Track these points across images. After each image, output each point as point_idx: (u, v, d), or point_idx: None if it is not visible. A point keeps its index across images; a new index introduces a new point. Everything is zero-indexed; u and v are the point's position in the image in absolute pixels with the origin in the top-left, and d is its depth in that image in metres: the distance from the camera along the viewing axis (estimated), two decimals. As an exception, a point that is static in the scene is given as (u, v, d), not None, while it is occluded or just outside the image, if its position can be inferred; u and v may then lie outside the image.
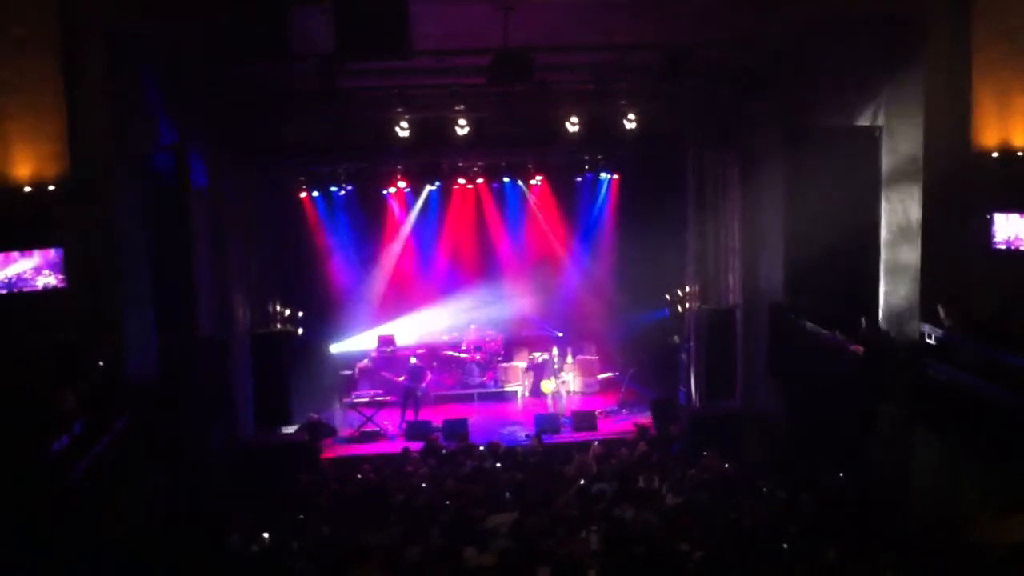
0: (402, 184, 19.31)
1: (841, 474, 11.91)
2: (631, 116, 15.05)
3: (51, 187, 10.07)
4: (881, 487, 11.59)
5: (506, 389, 19.72)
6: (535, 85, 12.83)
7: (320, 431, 16.72)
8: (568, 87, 14.81)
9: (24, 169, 10.04)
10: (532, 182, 20.08)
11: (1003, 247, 10.53)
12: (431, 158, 17.99)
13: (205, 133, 13.84)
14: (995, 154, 10.60)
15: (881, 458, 11.69)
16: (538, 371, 19.19)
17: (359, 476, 13.67)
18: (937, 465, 10.75)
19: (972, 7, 10.53)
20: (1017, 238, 10.43)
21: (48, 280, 10.08)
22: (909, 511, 10.98)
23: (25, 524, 7.59)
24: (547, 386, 18.40)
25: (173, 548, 9.95)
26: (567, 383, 19.13)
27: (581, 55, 13.62)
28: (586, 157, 19.14)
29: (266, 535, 10.19)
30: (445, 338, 20.59)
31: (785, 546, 9.14)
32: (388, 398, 18.12)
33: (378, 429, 17.41)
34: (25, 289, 9.98)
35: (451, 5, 11.06)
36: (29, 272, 10.03)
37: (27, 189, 10.02)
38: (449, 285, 20.94)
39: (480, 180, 19.64)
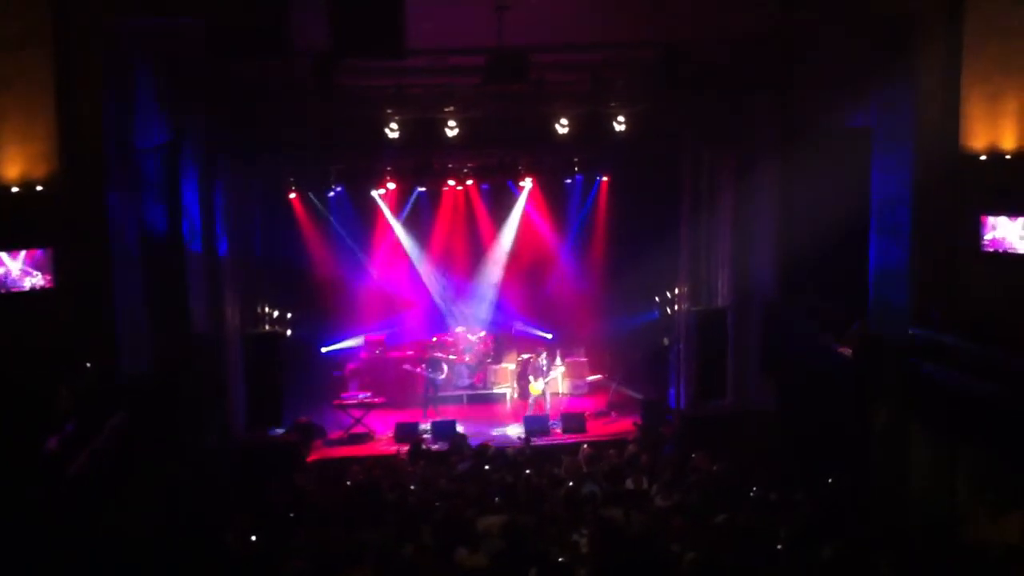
0: (392, 185, 19.34)
1: (835, 474, 11.91)
2: (625, 116, 15.05)
3: (40, 187, 10.03)
4: (876, 487, 11.63)
5: (495, 391, 19.70)
6: (529, 85, 12.84)
7: (309, 432, 16.69)
8: (562, 87, 14.81)
9: (13, 169, 10.02)
10: (522, 183, 20.08)
11: (992, 249, 10.60)
12: (423, 159, 17.99)
13: (198, 131, 13.80)
14: (983, 156, 10.68)
15: (875, 458, 11.73)
16: (524, 373, 19.14)
17: (348, 478, 13.63)
18: (931, 465, 10.80)
19: (964, 8, 10.60)
20: (1005, 240, 10.50)
21: (36, 280, 10.04)
22: (904, 511, 11.02)
23: (19, 522, 7.56)
24: (535, 388, 18.39)
25: (168, 547, 9.91)
26: (554, 383, 19.11)
27: (575, 54, 13.63)
28: (576, 159, 19.13)
29: (259, 535, 10.15)
30: (434, 339, 20.56)
31: (779, 546, 9.14)
32: (378, 400, 18.11)
33: (367, 431, 17.36)
34: (12, 290, 9.94)
35: (446, 5, 11.07)
36: (17, 273, 9.99)
37: (16, 189, 9.99)
38: (439, 286, 20.93)
39: (470, 182, 19.67)
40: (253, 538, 10.07)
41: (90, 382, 9.70)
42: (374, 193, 19.75)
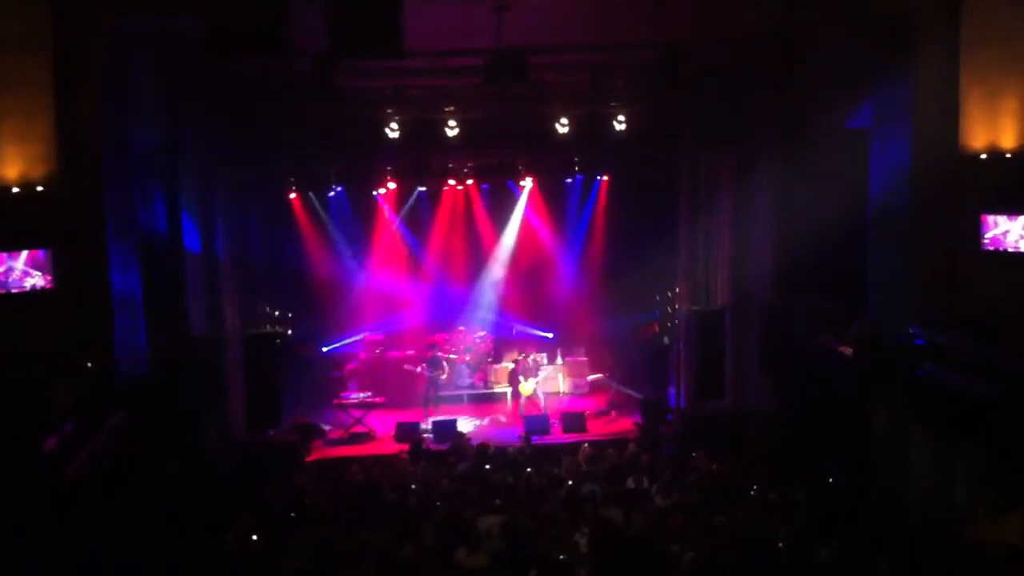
0: (392, 185, 19.36)
1: (834, 474, 11.90)
2: (624, 117, 15.04)
3: (39, 188, 10.03)
4: (875, 487, 11.62)
5: (496, 390, 19.71)
6: (529, 85, 12.83)
7: (309, 432, 16.69)
8: (561, 87, 14.81)
9: (12, 170, 10.01)
10: (522, 183, 20.09)
11: (992, 248, 10.59)
12: (422, 159, 18.00)
13: (197, 132, 13.79)
14: (983, 155, 10.67)
15: (875, 458, 11.72)
16: (515, 373, 19.17)
17: (348, 477, 13.63)
18: (931, 465, 10.78)
19: (962, 8, 10.59)
20: (1006, 238, 10.48)
21: (35, 281, 10.04)
22: (904, 511, 11.01)
23: (19, 522, 7.55)
24: (525, 387, 18.39)
25: (168, 547, 9.91)
26: (548, 383, 19.13)
27: (575, 55, 13.63)
28: (576, 158, 19.14)
29: (259, 535, 10.15)
30: (434, 339, 20.55)
31: (779, 546, 9.14)
32: (378, 399, 18.12)
33: (367, 431, 17.37)
34: (13, 290, 9.94)
35: (445, 6, 11.07)
36: (17, 273, 9.99)
37: (15, 190, 9.99)
38: (439, 286, 20.95)
39: (470, 181, 19.68)
40: (254, 538, 10.08)
41: (89, 382, 9.69)
42: (374, 193, 19.76)
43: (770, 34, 12.58)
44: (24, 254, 10.00)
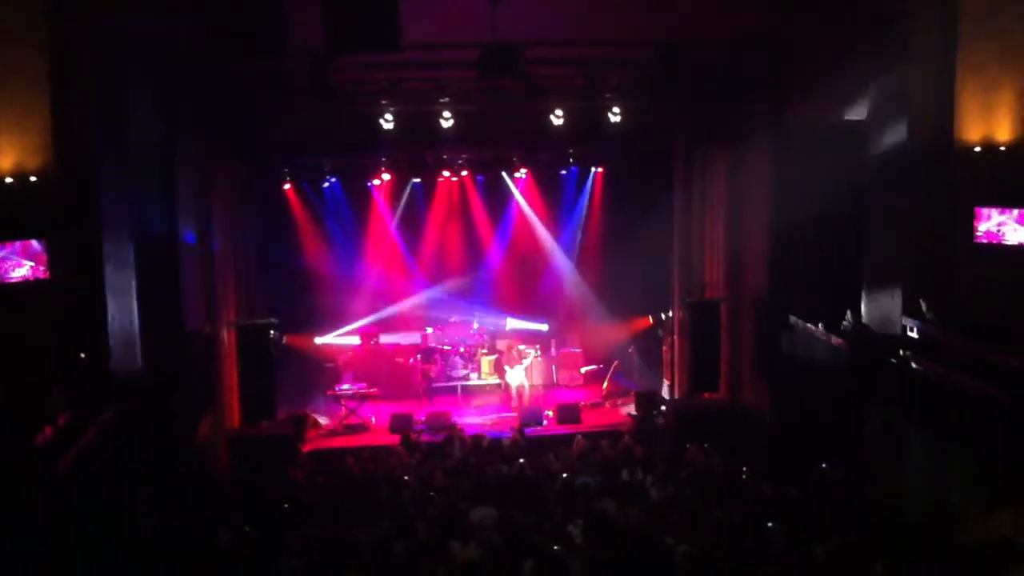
0: (387, 177, 19.33)
1: (826, 468, 11.91)
2: (619, 110, 15.02)
3: (34, 178, 10.01)
4: (870, 482, 11.64)
5: (489, 381, 19.70)
6: (524, 79, 12.81)
7: (304, 424, 16.69)
8: (557, 81, 14.78)
9: (7, 160, 9.98)
10: (517, 175, 20.07)
11: (985, 241, 10.61)
12: (417, 151, 17.96)
13: (192, 127, 13.74)
14: (978, 148, 10.69)
15: (869, 453, 11.75)
16: (500, 363, 19.18)
17: (343, 469, 13.63)
18: (926, 461, 10.80)
19: (959, 6, 10.60)
20: (999, 232, 10.51)
21: (27, 272, 10.00)
22: (898, 507, 11.03)
23: (11, 518, 7.53)
24: (512, 377, 18.40)
25: (162, 543, 9.89)
26: (545, 374, 19.15)
27: (570, 50, 13.60)
28: (571, 150, 19.11)
29: (255, 528, 10.14)
30: (429, 330, 20.55)
31: (773, 541, 9.15)
32: (372, 391, 18.11)
33: (362, 422, 17.38)
34: (6, 280, 9.91)
35: (441, -1, 11.08)
36: (10, 263, 9.97)
37: (9, 180, 9.96)
38: (433, 277, 20.92)
39: (465, 173, 19.65)
40: (247, 530, 10.07)
41: (82, 376, 9.66)
42: (369, 184, 19.73)
43: (768, 32, 12.57)
44: (16, 244, 9.98)
